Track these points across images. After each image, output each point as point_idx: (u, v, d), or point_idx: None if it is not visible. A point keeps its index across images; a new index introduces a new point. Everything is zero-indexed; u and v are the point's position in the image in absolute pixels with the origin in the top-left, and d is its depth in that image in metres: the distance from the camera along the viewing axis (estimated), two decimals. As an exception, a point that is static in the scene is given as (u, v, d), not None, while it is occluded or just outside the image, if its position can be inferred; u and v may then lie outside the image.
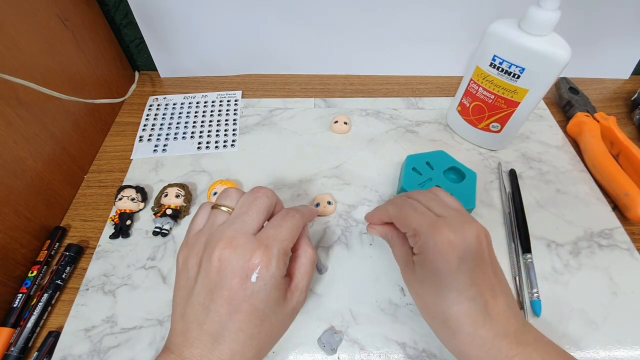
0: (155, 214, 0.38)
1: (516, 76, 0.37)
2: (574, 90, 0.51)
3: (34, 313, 0.32)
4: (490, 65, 0.38)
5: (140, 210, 0.39)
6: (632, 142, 0.43)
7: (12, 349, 0.30)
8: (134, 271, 0.35)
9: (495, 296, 0.24)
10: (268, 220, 0.27)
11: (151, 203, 0.40)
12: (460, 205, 0.30)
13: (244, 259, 0.23)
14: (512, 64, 0.37)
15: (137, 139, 0.47)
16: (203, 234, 0.25)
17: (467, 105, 0.44)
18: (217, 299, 0.23)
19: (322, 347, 0.30)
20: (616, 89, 0.55)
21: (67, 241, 0.38)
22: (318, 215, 0.39)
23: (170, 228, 0.38)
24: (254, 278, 0.23)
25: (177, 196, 0.38)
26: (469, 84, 0.42)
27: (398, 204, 0.30)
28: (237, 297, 0.23)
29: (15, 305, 0.32)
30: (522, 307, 0.32)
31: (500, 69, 0.38)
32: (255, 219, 0.25)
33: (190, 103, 0.52)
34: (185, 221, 0.39)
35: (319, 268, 0.35)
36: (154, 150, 0.46)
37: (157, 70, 0.56)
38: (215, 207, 0.27)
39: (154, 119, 0.50)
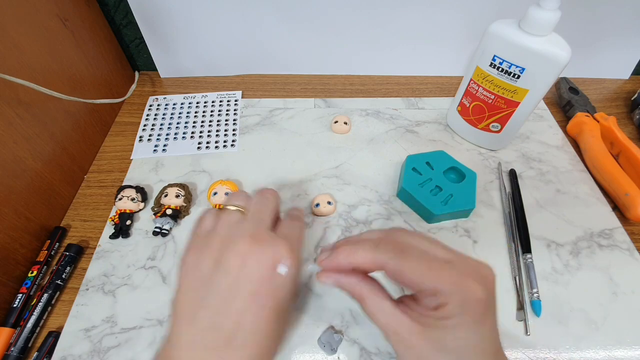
0: (155, 214, 0.38)
1: (516, 76, 0.37)
2: (574, 90, 0.51)
3: (34, 313, 0.32)
4: (490, 65, 0.38)
5: (140, 210, 0.39)
6: (632, 142, 0.43)
7: (12, 349, 0.30)
8: (134, 271, 0.35)
9: (498, 350, 0.23)
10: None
11: (151, 203, 0.40)
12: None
13: (272, 252, 0.23)
14: (512, 64, 0.37)
15: (137, 139, 0.47)
16: (217, 233, 0.24)
17: (467, 105, 0.44)
18: (239, 296, 0.22)
19: (322, 347, 0.30)
20: (616, 89, 0.55)
21: (67, 241, 0.38)
22: (318, 215, 0.39)
23: (170, 228, 0.38)
24: (282, 270, 0.23)
25: (177, 196, 0.38)
26: (469, 84, 0.42)
27: (391, 249, 0.22)
28: (262, 291, 0.22)
29: (15, 305, 0.32)
30: (522, 307, 0.32)
31: (500, 69, 0.38)
32: (270, 218, 0.26)
33: (190, 103, 0.52)
34: (185, 221, 0.39)
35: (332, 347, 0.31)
36: (154, 150, 0.46)
37: (157, 70, 0.56)
38: (223, 208, 0.27)
39: (154, 119, 0.50)
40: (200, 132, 0.48)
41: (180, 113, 0.51)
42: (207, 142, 0.47)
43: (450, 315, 0.21)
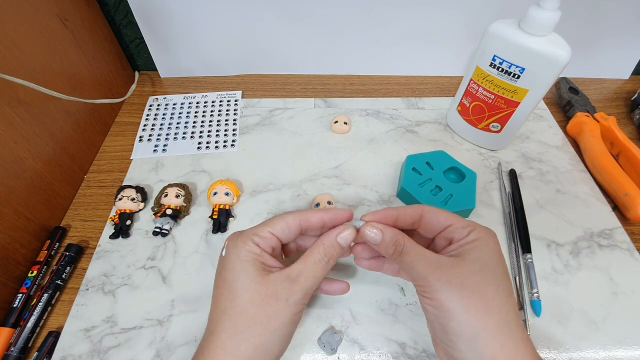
0: (155, 214, 0.38)
1: (516, 76, 0.37)
2: (574, 90, 0.51)
3: (34, 313, 0.32)
4: (490, 65, 0.38)
5: (140, 210, 0.39)
6: (632, 142, 0.43)
7: (12, 349, 0.30)
8: (134, 271, 0.35)
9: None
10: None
11: (151, 203, 0.40)
12: None
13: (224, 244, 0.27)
14: (512, 64, 0.37)
15: (137, 139, 0.47)
16: None
17: (467, 105, 0.44)
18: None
19: (322, 347, 0.30)
20: (616, 89, 0.55)
21: (67, 241, 0.38)
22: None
23: (170, 228, 0.38)
24: (223, 252, 0.26)
25: (177, 196, 0.38)
26: (469, 84, 0.42)
27: (425, 208, 0.27)
28: (216, 273, 0.26)
29: (15, 305, 0.32)
30: (522, 307, 0.32)
31: (500, 69, 0.38)
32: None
33: (190, 103, 0.52)
34: (185, 221, 0.39)
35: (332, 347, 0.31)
36: (154, 150, 0.46)
37: (157, 70, 0.56)
38: None
39: (154, 119, 0.50)
40: (200, 132, 0.48)
41: (180, 113, 0.51)
42: (207, 142, 0.47)
43: (475, 238, 0.25)
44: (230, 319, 0.24)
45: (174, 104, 0.52)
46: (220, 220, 0.38)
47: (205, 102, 0.52)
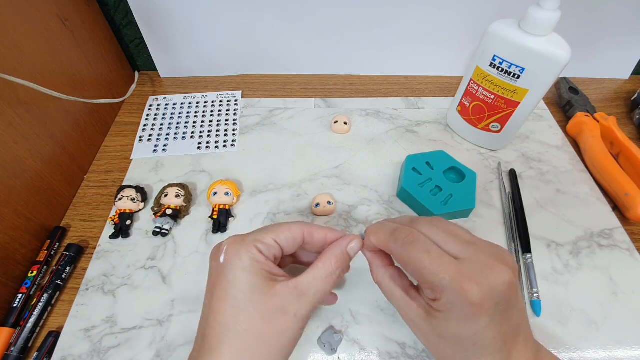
0: (155, 214, 0.38)
1: (516, 76, 0.37)
2: (574, 90, 0.51)
3: (34, 313, 0.32)
4: (490, 65, 0.38)
5: (140, 210, 0.39)
6: (632, 142, 0.43)
7: (12, 349, 0.30)
8: (134, 271, 0.35)
9: (517, 336, 0.23)
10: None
11: (151, 203, 0.40)
12: (469, 233, 0.25)
13: (218, 247, 0.25)
14: (512, 64, 0.37)
15: (137, 139, 0.47)
16: None
17: (467, 105, 0.44)
18: (205, 293, 0.24)
19: (322, 347, 0.30)
20: (616, 89, 0.55)
21: (67, 241, 0.38)
22: (318, 215, 0.39)
23: (170, 228, 0.38)
24: (222, 259, 0.24)
25: (177, 196, 0.38)
26: (469, 84, 0.42)
27: (401, 238, 0.23)
28: (211, 282, 0.24)
29: (15, 305, 0.32)
30: (522, 307, 0.32)
31: (500, 69, 0.38)
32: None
33: (190, 103, 0.52)
34: (185, 221, 0.39)
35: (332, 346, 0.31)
36: (154, 150, 0.46)
37: (157, 70, 0.56)
38: None
39: (154, 119, 0.50)
40: (200, 132, 0.48)
41: (180, 113, 0.51)
42: (207, 142, 0.47)
43: (442, 309, 0.22)
44: (236, 336, 0.22)
45: (174, 104, 0.52)
46: (220, 220, 0.38)
47: (205, 102, 0.52)
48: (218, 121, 0.49)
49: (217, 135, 0.47)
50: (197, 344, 0.23)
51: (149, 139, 0.47)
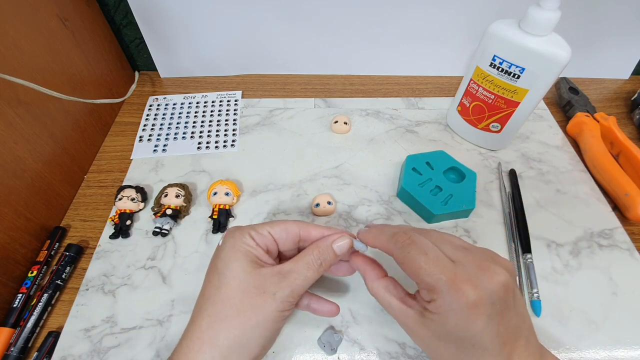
0: (155, 214, 0.38)
1: (516, 76, 0.37)
2: (574, 90, 0.51)
3: (34, 313, 0.32)
4: (490, 65, 0.38)
5: (140, 210, 0.39)
6: (632, 142, 0.43)
7: (12, 349, 0.30)
8: (134, 271, 0.35)
9: (517, 339, 0.23)
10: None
11: (151, 203, 0.40)
12: (465, 242, 0.26)
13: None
14: (512, 64, 0.37)
15: (137, 139, 0.47)
16: None
17: (467, 105, 0.44)
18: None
19: (322, 347, 0.30)
20: (616, 89, 0.55)
21: (67, 241, 0.38)
22: (318, 215, 0.39)
23: (170, 228, 0.38)
24: (220, 242, 0.27)
25: (177, 196, 0.38)
26: (469, 84, 0.42)
27: (401, 240, 0.24)
28: (209, 264, 0.27)
29: (15, 305, 0.32)
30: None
31: (500, 69, 0.38)
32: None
33: (190, 103, 0.52)
34: (185, 221, 0.39)
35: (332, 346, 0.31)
36: (154, 150, 0.46)
37: (157, 70, 0.56)
38: None
39: (154, 119, 0.50)
40: (200, 132, 0.48)
41: (180, 113, 0.51)
42: (207, 142, 0.47)
43: (438, 311, 0.22)
44: (213, 306, 0.24)
45: (174, 104, 0.52)
46: (220, 220, 0.38)
47: (205, 102, 0.52)
48: (218, 121, 0.49)
49: (217, 135, 0.47)
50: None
51: (149, 139, 0.47)
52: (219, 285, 0.24)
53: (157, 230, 0.37)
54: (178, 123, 0.49)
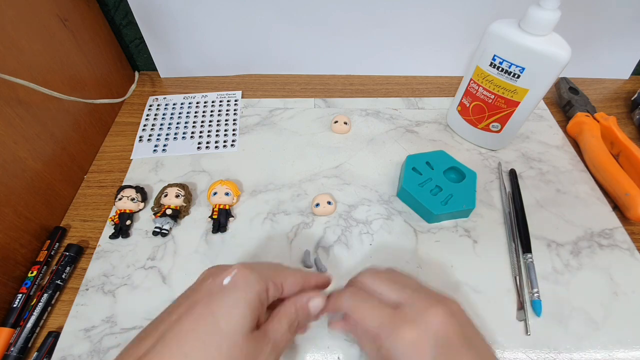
0: (155, 214, 0.38)
1: (516, 76, 0.37)
2: (574, 90, 0.51)
3: (34, 313, 0.32)
4: (490, 65, 0.38)
5: (140, 210, 0.39)
6: (632, 142, 0.43)
7: (11, 349, 0.30)
8: (133, 271, 0.35)
9: None
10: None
11: (151, 203, 0.40)
12: (413, 280, 0.27)
13: (224, 268, 0.23)
14: (512, 64, 0.37)
15: (137, 139, 0.47)
16: None
17: (467, 105, 0.44)
18: (180, 300, 0.22)
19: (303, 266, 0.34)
20: (616, 89, 0.55)
21: (67, 241, 0.38)
22: (318, 215, 0.39)
23: (170, 228, 0.38)
24: (226, 280, 0.22)
25: (177, 196, 0.38)
26: (469, 84, 0.42)
27: (349, 294, 0.25)
28: (194, 299, 0.21)
29: (15, 305, 0.32)
30: (522, 307, 0.32)
31: (500, 69, 0.38)
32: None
33: (190, 103, 0.52)
34: (185, 221, 0.39)
35: (318, 267, 0.35)
36: (154, 150, 0.46)
37: (157, 70, 0.56)
38: None
39: (154, 119, 0.50)
40: (200, 132, 0.48)
41: (180, 113, 0.51)
42: (207, 142, 0.47)
43: (388, 357, 0.22)
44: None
45: (174, 104, 0.52)
46: (220, 220, 0.38)
47: (205, 102, 0.52)
48: (218, 121, 0.49)
49: (217, 135, 0.47)
50: (132, 344, 0.20)
51: (149, 139, 0.47)
52: (209, 342, 0.19)
53: (157, 230, 0.37)
54: (178, 123, 0.49)
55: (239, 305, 0.21)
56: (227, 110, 0.51)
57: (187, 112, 0.51)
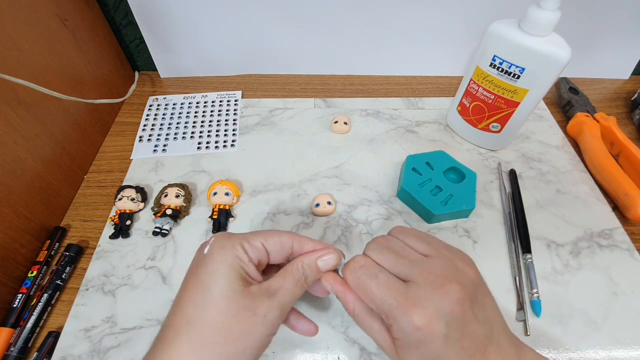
0: (155, 214, 0.38)
1: (516, 76, 0.37)
2: (574, 90, 0.51)
3: (34, 313, 0.32)
4: (490, 65, 0.38)
5: (140, 210, 0.39)
6: (632, 142, 0.43)
7: (11, 349, 0.30)
8: (133, 271, 0.35)
9: (487, 347, 0.22)
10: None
11: (151, 203, 0.40)
12: (427, 238, 0.25)
13: (206, 241, 0.25)
14: (512, 64, 0.37)
15: (137, 139, 0.47)
16: None
17: (467, 105, 0.44)
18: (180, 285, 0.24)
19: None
20: (616, 89, 0.55)
21: (67, 241, 0.38)
22: (318, 215, 0.39)
23: (170, 228, 0.38)
24: (206, 250, 0.24)
25: (177, 196, 0.38)
26: (469, 84, 0.42)
27: (351, 267, 0.24)
28: (189, 273, 0.24)
29: (15, 305, 0.32)
30: (522, 307, 0.32)
31: (500, 69, 0.38)
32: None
33: (190, 103, 0.52)
34: (185, 221, 0.39)
35: None
36: (154, 150, 0.46)
37: (157, 70, 0.56)
38: None
39: (154, 119, 0.50)
40: (200, 132, 0.48)
41: (180, 113, 0.51)
42: (207, 142, 0.47)
43: (397, 336, 0.22)
44: (196, 329, 0.21)
45: (174, 104, 0.52)
46: (220, 220, 0.38)
47: (205, 102, 0.52)
48: (218, 121, 0.49)
49: (217, 135, 0.47)
50: (156, 338, 0.22)
51: (149, 139, 0.47)
52: (203, 305, 0.21)
53: (157, 230, 0.37)
54: (178, 123, 0.49)
55: (220, 268, 0.22)
56: (227, 110, 0.51)
57: (187, 112, 0.51)
